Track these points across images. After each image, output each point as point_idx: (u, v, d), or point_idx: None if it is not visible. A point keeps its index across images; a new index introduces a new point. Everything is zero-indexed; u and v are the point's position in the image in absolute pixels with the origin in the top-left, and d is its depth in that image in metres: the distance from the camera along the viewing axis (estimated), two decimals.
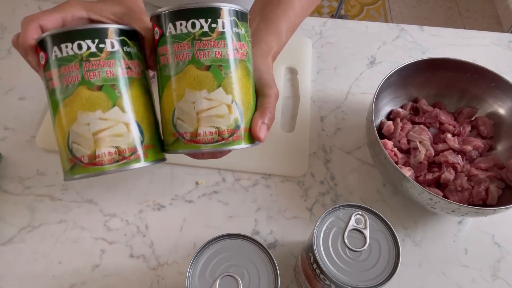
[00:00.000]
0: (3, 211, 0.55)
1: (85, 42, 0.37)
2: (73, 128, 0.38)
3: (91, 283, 0.50)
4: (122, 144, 0.38)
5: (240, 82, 0.40)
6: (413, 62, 0.58)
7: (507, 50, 0.77)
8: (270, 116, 0.42)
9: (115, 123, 0.38)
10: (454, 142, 0.57)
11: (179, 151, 0.40)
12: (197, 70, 0.38)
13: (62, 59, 0.37)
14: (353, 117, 0.66)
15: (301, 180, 0.60)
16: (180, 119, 0.39)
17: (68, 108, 0.37)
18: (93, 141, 0.37)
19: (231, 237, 0.42)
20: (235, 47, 0.39)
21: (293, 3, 0.50)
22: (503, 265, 0.54)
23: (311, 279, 0.43)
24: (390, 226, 0.42)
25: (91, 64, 0.37)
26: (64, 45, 0.37)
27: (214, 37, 0.38)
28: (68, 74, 0.37)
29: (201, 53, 0.38)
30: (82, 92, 0.37)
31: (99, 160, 0.38)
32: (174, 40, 0.38)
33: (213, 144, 0.39)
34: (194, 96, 0.38)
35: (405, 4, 2.31)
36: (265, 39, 0.47)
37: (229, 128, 0.39)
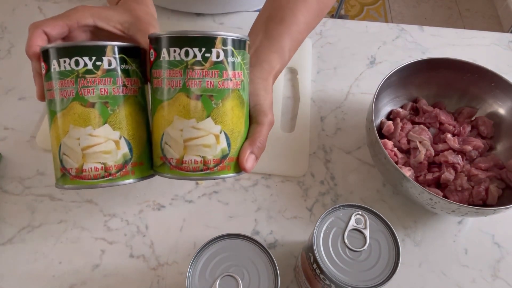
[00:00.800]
0: (3, 211, 0.55)
1: (83, 59, 0.38)
2: (65, 141, 0.39)
3: (91, 283, 0.50)
4: (109, 161, 0.39)
5: (231, 112, 0.39)
6: (413, 62, 0.58)
7: (507, 50, 0.77)
8: (260, 146, 0.41)
9: (104, 140, 0.39)
10: (454, 142, 0.57)
11: (165, 175, 0.41)
12: (187, 98, 0.38)
13: (60, 73, 0.38)
14: (353, 117, 0.66)
15: (301, 180, 0.60)
16: (167, 144, 0.39)
17: (62, 120, 0.39)
18: (81, 155, 0.39)
19: (231, 237, 0.42)
20: (229, 77, 0.39)
21: (297, 19, 0.48)
22: (503, 265, 0.54)
23: (311, 279, 0.43)
24: (390, 226, 0.42)
25: (86, 81, 0.38)
26: (62, 60, 0.38)
27: (207, 66, 0.38)
28: (64, 88, 0.38)
29: (193, 82, 0.38)
30: (76, 107, 0.38)
31: (85, 174, 0.39)
32: (167, 66, 0.38)
33: (198, 173, 0.39)
34: (182, 124, 0.38)
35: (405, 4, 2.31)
36: (267, 58, 0.46)
37: (215, 158, 0.39)
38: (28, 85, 0.65)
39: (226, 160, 0.40)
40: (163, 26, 0.74)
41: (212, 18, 0.76)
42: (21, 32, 0.72)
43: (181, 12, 0.76)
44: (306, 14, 0.49)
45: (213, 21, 0.76)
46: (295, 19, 0.48)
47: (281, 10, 0.48)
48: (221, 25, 0.75)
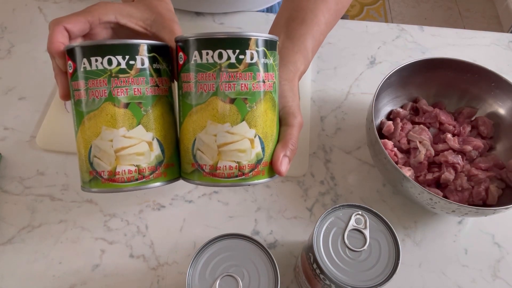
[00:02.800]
0: (3, 211, 0.55)
1: (116, 58, 0.37)
2: (96, 143, 0.38)
3: (91, 283, 0.50)
4: (143, 163, 0.38)
5: (265, 115, 0.38)
6: (413, 62, 0.58)
7: (507, 50, 0.77)
8: (292, 148, 0.40)
9: (138, 142, 0.38)
10: (454, 142, 0.57)
11: (197, 183, 0.39)
12: (221, 102, 0.37)
13: (90, 72, 0.37)
14: (353, 117, 0.66)
15: (301, 180, 0.60)
16: (200, 150, 0.38)
17: (93, 122, 0.37)
18: (114, 158, 0.37)
19: (231, 237, 0.42)
20: (262, 79, 0.37)
21: (318, 19, 0.48)
22: (503, 265, 0.54)
23: (311, 279, 0.43)
24: (390, 226, 0.42)
25: (120, 81, 0.37)
26: (94, 59, 0.37)
27: (241, 69, 0.36)
28: (96, 88, 0.37)
29: (227, 85, 0.36)
30: (108, 108, 0.37)
31: (119, 177, 0.38)
32: (199, 69, 0.37)
33: (233, 179, 0.38)
34: (216, 129, 0.37)
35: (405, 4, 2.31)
36: (292, 59, 0.45)
37: (250, 163, 0.38)
38: (28, 85, 0.65)
39: (260, 165, 0.39)
40: None
41: (212, 18, 0.76)
42: (21, 32, 0.72)
43: (181, 11, 0.76)
44: (327, 15, 0.49)
45: (213, 21, 0.76)
46: (316, 19, 0.47)
47: (302, 11, 0.47)
48: (221, 24, 0.75)
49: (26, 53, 0.69)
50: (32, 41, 0.70)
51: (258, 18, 0.77)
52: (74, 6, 0.76)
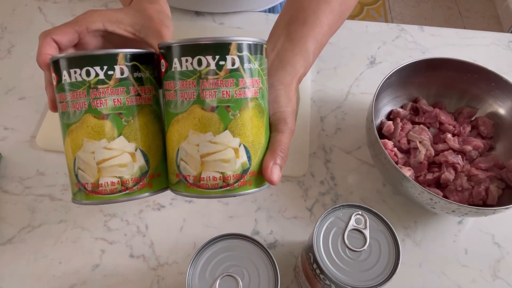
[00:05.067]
0: (3, 211, 0.55)
1: (94, 69, 0.36)
2: (79, 155, 0.37)
3: (91, 283, 0.50)
4: (126, 174, 0.37)
5: (250, 122, 0.37)
6: (413, 62, 0.58)
7: (507, 50, 0.77)
8: (282, 155, 0.39)
9: (120, 153, 0.37)
10: (454, 142, 0.57)
11: (182, 194, 0.38)
12: (202, 111, 0.35)
13: (71, 84, 0.37)
14: (353, 117, 0.66)
15: (301, 180, 0.60)
16: (183, 160, 0.37)
17: (75, 134, 0.37)
18: (97, 170, 0.37)
19: (231, 237, 0.42)
20: (245, 85, 0.36)
21: (320, 21, 0.46)
22: (503, 265, 0.54)
23: (311, 279, 0.43)
24: (390, 226, 0.42)
25: (99, 92, 0.36)
26: (73, 71, 0.36)
27: (222, 75, 0.35)
28: (76, 100, 0.37)
29: (207, 93, 0.35)
30: (89, 120, 0.37)
31: (102, 189, 0.37)
32: (179, 77, 0.36)
33: (217, 190, 0.37)
34: (198, 138, 0.36)
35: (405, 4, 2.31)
36: (291, 61, 0.44)
37: (235, 174, 0.36)
38: (28, 85, 0.65)
39: (247, 175, 0.37)
40: None
41: (212, 18, 0.76)
42: (21, 32, 0.72)
43: (181, 10, 0.76)
44: (329, 16, 0.47)
45: (213, 21, 0.76)
46: (318, 21, 0.46)
47: (303, 12, 0.46)
48: (221, 25, 0.75)
49: (26, 53, 0.69)
50: (32, 41, 0.70)
51: (259, 18, 0.77)
52: (74, 6, 0.76)
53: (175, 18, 0.76)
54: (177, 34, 0.72)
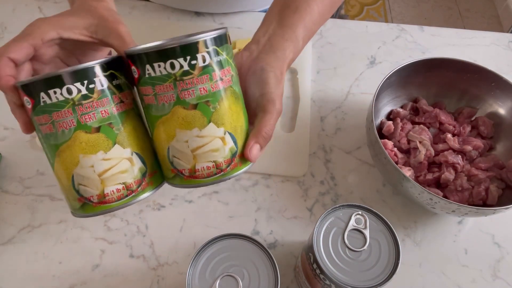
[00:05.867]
0: (3, 211, 0.55)
1: (74, 86, 0.35)
2: (77, 171, 0.37)
3: (91, 283, 0.50)
4: (128, 179, 0.38)
5: (230, 110, 0.38)
6: (413, 62, 0.58)
7: (507, 50, 0.77)
8: (266, 136, 0.41)
9: (118, 161, 0.38)
10: (454, 142, 0.57)
11: (180, 186, 0.40)
12: (184, 110, 0.36)
13: (52, 105, 0.35)
14: (353, 117, 0.66)
15: (301, 180, 0.60)
16: (176, 157, 0.38)
17: (68, 152, 0.37)
18: (99, 181, 0.37)
19: (231, 237, 0.42)
20: (219, 77, 0.37)
21: (311, 9, 0.48)
22: (503, 265, 0.54)
23: (311, 279, 0.43)
24: (390, 226, 0.42)
25: (85, 107, 0.36)
26: (52, 91, 0.35)
27: (196, 74, 0.36)
28: (62, 119, 0.36)
29: (186, 93, 0.36)
30: (80, 136, 0.36)
31: (108, 198, 0.38)
32: (155, 82, 0.36)
33: (213, 178, 0.39)
34: (186, 135, 0.37)
35: (405, 4, 2.31)
36: (281, 46, 0.45)
37: (226, 159, 0.39)
38: None
39: (236, 158, 0.39)
40: (163, 26, 0.74)
41: (212, 18, 0.76)
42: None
43: (180, 11, 0.76)
44: (320, 5, 0.49)
45: (213, 21, 0.76)
46: (309, 8, 0.48)
47: (295, 1, 0.48)
48: (221, 25, 0.75)
49: None
50: None
51: (258, 18, 0.76)
52: None
53: (175, 18, 0.76)
54: (177, 34, 0.72)
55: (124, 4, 0.77)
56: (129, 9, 0.77)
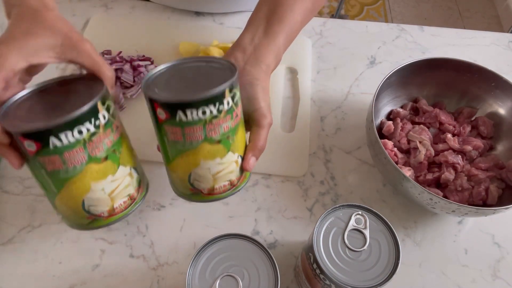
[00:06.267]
0: (3, 211, 0.55)
1: (84, 126, 0.37)
2: (88, 196, 0.40)
3: (91, 283, 0.50)
4: (132, 190, 0.44)
5: (241, 138, 0.44)
6: (413, 62, 0.58)
7: (507, 50, 0.77)
8: (261, 148, 0.45)
9: (123, 178, 0.42)
10: (454, 142, 0.57)
11: (199, 201, 0.45)
12: (209, 145, 0.41)
13: (64, 147, 0.37)
14: (353, 117, 0.66)
15: (301, 180, 0.60)
16: (197, 180, 0.43)
17: (79, 183, 0.39)
18: (109, 199, 0.41)
19: (231, 237, 0.42)
20: (237, 114, 0.42)
21: (294, 19, 0.50)
22: (503, 265, 0.54)
23: (311, 279, 0.43)
24: (390, 226, 0.42)
25: (94, 142, 0.38)
26: (63, 134, 0.36)
27: (222, 116, 0.40)
28: (74, 157, 0.37)
29: (212, 132, 0.40)
30: (91, 168, 0.39)
31: (117, 210, 0.43)
32: (185, 125, 0.39)
33: (228, 192, 0.45)
34: (208, 164, 0.42)
35: (405, 4, 2.31)
36: (266, 58, 0.47)
37: (237, 177, 0.45)
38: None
39: (243, 172, 0.46)
40: (163, 25, 0.74)
41: (212, 18, 0.76)
42: None
43: (181, 10, 0.76)
44: (303, 13, 0.51)
45: (213, 21, 0.76)
46: (293, 18, 0.50)
47: (281, 7, 0.49)
48: (221, 25, 0.75)
49: None
50: None
51: None
52: (74, 6, 0.76)
53: (175, 18, 0.76)
54: (177, 34, 0.72)
55: (124, 4, 0.77)
56: (129, 9, 0.77)
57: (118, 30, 0.73)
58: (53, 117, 0.36)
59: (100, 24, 0.73)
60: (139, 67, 0.65)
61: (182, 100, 0.38)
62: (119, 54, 0.67)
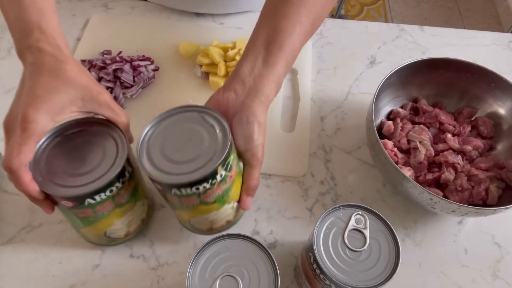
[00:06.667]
0: (3, 211, 0.55)
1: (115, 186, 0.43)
2: (111, 228, 0.48)
3: (91, 283, 0.50)
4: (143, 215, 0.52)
5: (236, 188, 0.46)
6: (413, 62, 0.58)
7: (507, 50, 0.77)
8: (254, 187, 0.47)
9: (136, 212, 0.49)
10: (454, 142, 0.57)
11: (199, 234, 0.51)
12: (205, 206, 0.43)
13: (97, 203, 0.43)
14: (353, 117, 0.66)
15: (301, 180, 0.60)
16: (196, 224, 0.48)
17: (104, 222, 0.46)
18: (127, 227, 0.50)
19: (231, 237, 0.42)
20: (231, 176, 0.43)
21: (294, 44, 0.48)
22: (503, 265, 0.54)
23: (311, 279, 0.43)
24: (390, 226, 0.42)
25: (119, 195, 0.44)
26: (97, 196, 0.42)
27: (215, 186, 0.42)
28: (103, 208, 0.44)
29: (206, 197, 0.42)
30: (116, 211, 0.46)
31: (130, 232, 0.51)
32: (180, 196, 0.42)
33: (225, 228, 0.49)
34: (205, 216, 0.45)
35: (405, 4, 2.31)
36: (265, 90, 0.46)
37: (234, 215, 0.48)
38: None
39: (239, 210, 0.49)
40: (163, 25, 0.74)
41: (212, 18, 0.76)
42: None
43: (181, 11, 0.76)
44: (302, 37, 0.49)
45: (213, 21, 0.76)
46: (292, 44, 0.48)
47: (280, 34, 0.47)
48: (221, 25, 0.75)
49: None
50: None
51: None
52: (74, 6, 0.76)
53: (175, 18, 0.76)
54: (177, 34, 0.72)
55: (124, 4, 0.77)
56: (129, 9, 0.77)
57: (118, 30, 0.73)
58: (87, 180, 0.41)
59: (100, 24, 0.73)
60: (139, 67, 0.65)
61: (174, 182, 0.40)
62: (119, 54, 0.67)
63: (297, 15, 0.47)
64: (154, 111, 0.63)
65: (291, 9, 0.47)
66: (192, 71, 0.68)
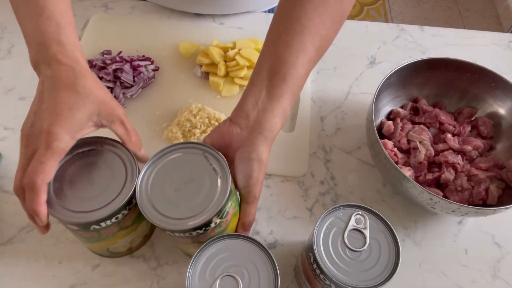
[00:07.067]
0: (3, 211, 0.55)
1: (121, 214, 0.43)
2: (113, 246, 0.48)
3: (91, 283, 0.50)
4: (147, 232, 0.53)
5: (232, 225, 0.46)
6: (413, 62, 0.58)
7: (507, 50, 0.77)
8: (250, 224, 0.47)
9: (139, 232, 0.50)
10: (454, 142, 0.57)
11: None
12: (199, 244, 0.42)
13: (101, 228, 0.43)
14: (353, 117, 0.66)
15: (301, 180, 0.60)
16: (186, 250, 0.50)
17: (108, 241, 0.47)
18: (129, 244, 0.50)
19: (231, 237, 0.42)
20: (226, 221, 0.43)
21: (299, 74, 0.46)
22: (503, 265, 0.54)
23: (311, 279, 0.43)
24: (390, 226, 0.42)
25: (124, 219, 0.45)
26: (103, 223, 0.43)
27: (209, 231, 0.42)
28: (108, 231, 0.45)
29: (202, 238, 0.43)
30: (120, 232, 0.46)
31: (133, 248, 0.52)
32: (176, 237, 0.43)
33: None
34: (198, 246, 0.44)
35: (405, 4, 2.31)
36: (270, 125, 0.45)
37: None
38: (28, 85, 0.65)
39: None
40: (163, 25, 0.74)
41: (212, 18, 0.76)
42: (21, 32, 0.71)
43: (181, 11, 0.76)
44: (306, 66, 0.47)
45: (213, 21, 0.76)
46: (297, 75, 0.46)
47: (284, 65, 0.45)
48: (221, 25, 0.75)
49: (26, 53, 0.68)
50: None
51: (258, 18, 0.77)
52: (74, 6, 0.76)
53: (175, 18, 0.76)
54: (177, 34, 0.72)
55: (124, 4, 0.77)
56: (129, 9, 0.77)
57: (118, 30, 0.73)
58: (94, 206, 0.42)
59: (100, 24, 0.73)
60: (139, 67, 0.65)
61: (168, 228, 0.40)
62: (119, 54, 0.67)
63: (301, 43, 0.45)
64: (154, 111, 0.64)
65: (294, 37, 0.45)
66: (192, 71, 0.68)
